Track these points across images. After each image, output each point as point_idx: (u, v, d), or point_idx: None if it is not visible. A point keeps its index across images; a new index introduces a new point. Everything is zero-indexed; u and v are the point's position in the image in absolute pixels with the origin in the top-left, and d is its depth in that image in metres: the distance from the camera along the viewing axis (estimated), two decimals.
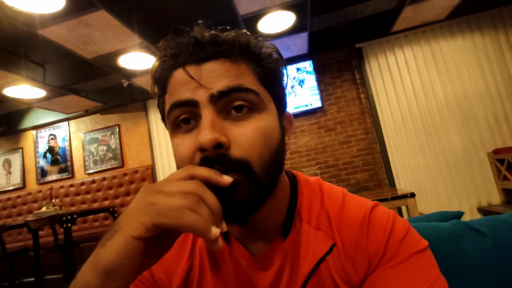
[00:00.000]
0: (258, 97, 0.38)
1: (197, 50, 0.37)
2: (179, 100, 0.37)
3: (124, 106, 3.99)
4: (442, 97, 3.18)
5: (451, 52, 3.21)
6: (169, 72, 0.39)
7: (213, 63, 0.37)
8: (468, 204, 3.05)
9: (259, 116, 0.37)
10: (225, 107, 0.36)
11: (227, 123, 0.36)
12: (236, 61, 0.38)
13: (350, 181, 3.40)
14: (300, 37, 2.97)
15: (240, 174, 0.34)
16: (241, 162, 0.35)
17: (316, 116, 3.53)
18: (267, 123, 0.38)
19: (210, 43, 0.37)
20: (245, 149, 0.35)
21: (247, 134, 0.36)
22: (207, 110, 0.35)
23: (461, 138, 3.11)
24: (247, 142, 0.35)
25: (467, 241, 0.56)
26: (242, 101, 0.36)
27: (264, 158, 0.36)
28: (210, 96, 0.35)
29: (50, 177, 4.19)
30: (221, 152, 0.34)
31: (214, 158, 0.34)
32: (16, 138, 4.41)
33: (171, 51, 0.39)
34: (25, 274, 3.28)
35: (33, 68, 2.72)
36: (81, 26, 2.14)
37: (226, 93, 0.36)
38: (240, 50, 0.39)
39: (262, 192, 0.37)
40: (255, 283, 0.42)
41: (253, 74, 0.39)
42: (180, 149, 0.37)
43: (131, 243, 0.28)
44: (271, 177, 0.38)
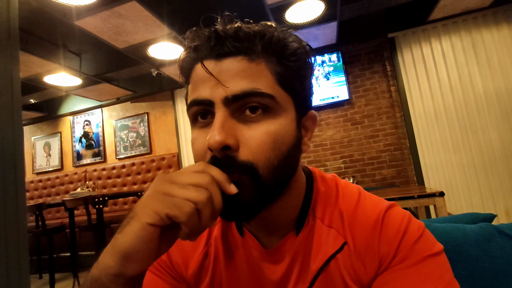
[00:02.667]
0: (274, 101, 0.37)
1: (217, 45, 0.37)
2: (197, 99, 0.38)
3: (153, 95, 4.12)
4: (481, 90, 2.97)
5: (495, 43, 2.96)
6: (191, 65, 0.40)
7: (232, 60, 0.37)
8: (504, 206, 2.85)
9: (273, 119, 0.37)
10: (239, 108, 0.36)
11: (239, 125, 0.36)
12: (255, 60, 0.37)
13: (375, 177, 3.30)
14: (329, 27, 2.88)
15: (245, 176, 0.35)
16: (247, 165, 0.35)
17: (342, 109, 3.44)
18: (279, 127, 0.37)
19: (230, 38, 0.37)
20: (252, 152, 0.35)
21: (257, 137, 0.35)
22: (220, 111, 0.36)
23: (500, 135, 2.89)
24: (255, 146, 0.35)
25: (495, 246, 0.53)
26: (256, 104, 0.36)
27: (271, 163, 0.36)
28: (225, 98, 0.35)
29: (85, 160, 4.47)
30: (228, 154, 0.35)
31: (220, 159, 0.35)
32: (55, 123, 4.72)
33: (193, 43, 0.39)
34: (62, 249, 3.55)
35: (70, 57, 2.88)
36: (114, 17, 2.22)
37: (240, 97, 0.35)
38: (261, 46, 0.38)
39: (266, 195, 0.37)
40: (266, 275, 0.43)
41: (271, 75, 0.38)
42: (195, 144, 0.39)
43: (146, 229, 0.29)
44: (278, 181, 0.38)
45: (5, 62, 0.99)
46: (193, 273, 0.46)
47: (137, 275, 0.31)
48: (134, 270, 0.30)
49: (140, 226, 0.29)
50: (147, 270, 0.45)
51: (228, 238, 0.47)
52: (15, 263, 0.96)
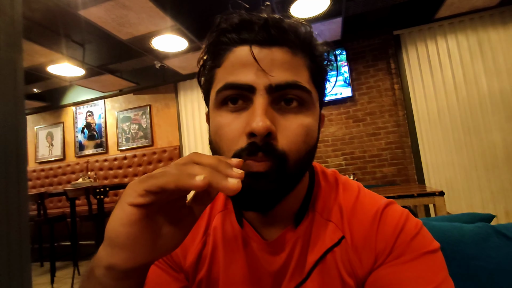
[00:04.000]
0: (310, 96, 0.38)
1: (264, 32, 0.37)
2: (236, 82, 0.37)
3: (156, 87, 4.12)
4: (486, 91, 2.94)
5: (501, 42, 2.93)
6: (229, 47, 0.39)
7: (277, 49, 0.37)
8: (504, 208, 2.85)
9: (306, 113, 0.38)
10: (278, 98, 0.37)
11: (276, 114, 0.37)
12: (296, 53, 0.38)
13: (376, 175, 3.30)
14: (334, 23, 2.85)
15: (276, 166, 0.35)
16: (282, 154, 0.35)
17: (345, 106, 3.43)
18: (311, 121, 0.38)
19: (277, 28, 0.37)
20: (287, 142, 0.36)
21: (293, 128, 0.36)
22: (262, 98, 0.36)
23: (504, 136, 2.87)
24: (291, 136, 0.36)
25: (492, 245, 0.53)
26: (295, 97, 0.37)
27: (301, 155, 0.37)
28: (268, 86, 0.36)
29: (87, 151, 4.49)
30: (268, 141, 0.35)
31: (260, 146, 0.35)
32: (58, 113, 4.74)
33: (236, 26, 0.38)
34: (63, 238, 3.59)
35: (74, 47, 2.88)
36: (118, 8, 2.21)
37: (283, 87, 0.36)
38: (301, 42, 0.38)
39: (287, 185, 0.38)
40: (264, 266, 0.44)
41: (307, 71, 0.39)
42: (226, 129, 0.37)
43: (125, 210, 0.27)
44: (300, 173, 0.40)
45: (9, 51, 0.99)
46: (191, 263, 0.46)
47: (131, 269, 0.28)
48: (123, 261, 0.27)
49: (120, 207, 0.27)
50: None
51: (227, 228, 0.47)
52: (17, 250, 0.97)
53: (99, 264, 0.28)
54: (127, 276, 0.29)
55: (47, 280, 2.86)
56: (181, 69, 3.62)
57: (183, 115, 3.99)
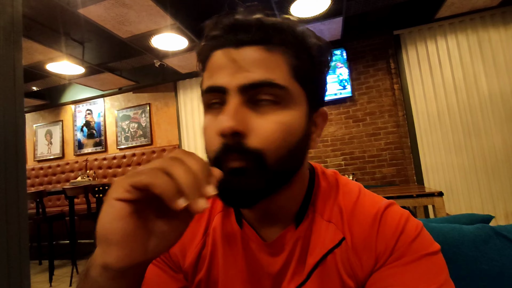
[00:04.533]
0: (287, 93, 0.37)
1: (236, 33, 0.37)
2: (211, 86, 0.38)
3: (155, 86, 4.11)
4: (486, 92, 2.94)
5: (502, 43, 2.93)
6: (209, 53, 0.40)
7: (249, 49, 0.37)
8: (504, 209, 2.85)
9: (284, 110, 0.37)
10: (252, 97, 0.37)
11: (251, 113, 0.36)
12: (272, 50, 0.37)
13: (375, 175, 3.30)
14: (334, 22, 2.85)
15: (252, 163, 0.35)
16: (256, 153, 0.35)
17: (345, 106, 3.43)
18: (291, 119, 0.37)
19: (249, 28, 0.37)
20: (262, 140, 0.36)
21: (267, 126, 0.36)
22: (234, 98, 0.36)
23: (504, 138, 2.87)
24: (266, 134, 0.36)
25: (492, 247, 0.53)
26: (269, 95, 0.37)
27: (281, 153, 0.36)
28: (239, 86, 0.36)
29: (86, 149, 4.48)
30: (238, 140, 0.35)
31: (232, 146, 0.35)
32: (57, 111, 4.72)
33: (213, 31, 0.39)
34: (62, 237, 3.59)
35: (73, 45, 2.87)
36: (118, 6, 2.20)
37: (254, 86, 0.36)
38: (280, 38, 0.38)
39: (270, 184, 0.37)
40: (263, 267, 0.44)
41: (287, 66, 0.38)
42: (207, 130, 0.39)
43: (113, 205, 0.27)
44: (284, 172, 0.39)
45: (8, 48, 0.99)
46: (190, 263, 0.46)
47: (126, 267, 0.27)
48: (117, 259, 0.26)
49: (107, 203, 0.27)
50: None
51: (226, 229, 0.47)
52: (16, 249, 0.97)
53: (95, 263, 0.28)
54: (123, 275, 0.28)
55: (45, 278, 2.85)
56: (181, 68, 3.62)
57: (183, 114, 3.99)
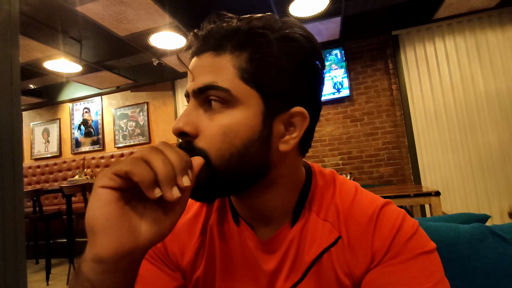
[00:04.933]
0: (230, 95, 0.37)
1: (196, 43, 0.41)
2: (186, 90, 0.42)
3: (154, 85, 4.10)
4: (482, 92, 2.96)
5: (499, 44, 2.95)
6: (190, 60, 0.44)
7: (204, 56, 0.40)
8: (499, 208, 2.88)
9: (229, 112, 0.37)
10: (204, 100, 0.39)
11: (203, 115, 0.39)
12: (221, 55, 0.38)
13: (373, 174, 3.31)
14: (333, 22, 2.86)
15: None
16: (201, 152, 0.37)
17: (343, 105, 3.44)
18: (233, 121, 0.37)
19: (202, 37, 0.40)
20: (206, 142, 0.38)
21: (211, 128, 0.38)
22: (191, 102, 0.40)
23: (499, 137, 2.90)
24: (209, 136, 0.38)
25: (487, 246, 0.53)
26: (215, 97, 0.38)
27: (222, 154, 0.37)
28: (193, 91, 0.39)
29: (83, 148, 4.46)
30: (187, 139, 0.39)
31: (182, 144, 0.39)
32: (54, 110, 4.70)
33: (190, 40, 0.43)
34: (59, 235, 3.58)
35: (71, 43, 2.85)
36: (116, 4, 2.19)
37: (202, 90, 0.38)
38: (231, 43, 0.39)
39: (219, 183, 0.38)
40: (260, 265, 0.44)
41: (234, 69, 0.38)
42: None
43: (98, 192, 0.28)
44: (234, 174, 0.38)
45: (5, 46, 0.98)
46: (188, 262, 0.46)
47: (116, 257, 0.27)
48: (106, 247, 0.27)
49: (93, 192, 0.29)
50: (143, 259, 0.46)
51: (223, 227, 0.47)
52: (12, 247, 0.96)
53: (85, 258, 0.29)
54: (115, 269, 0.28)
55: (42, 277, 2.84)
56: (179, 67, 3.61)
57: (180, 113, 3.97)
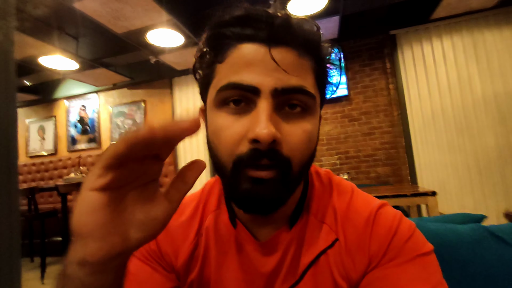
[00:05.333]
0: (314, 101, 0.37)
1: (272, 30, 0.35)
2: (240, 83, 0.35)
3: (151, 82, 4.07)
4: (479, 93, 2.97)
5: (496, 44, 2.96)
6: (233, 42, 0.36)
7: (284, 50, 0.35)
8: (495, 208, 2.90)
9: (309, 118, 0.37)
10: (282, 102, 0.36)
11: (279, 119, 0.35)
12: (303, 55, 0.36)
13: (370, 174, 3.32)
14: (331, 21, 2.85)
15: (279, 171, 0.35)
16: (285, 160, 0.35)
17: (340, 105, 3.44)
18: (313, 127, 0.38)
19: (285, 27, 0.35)
20: (291, 148, 0.35)
21: (297, 134, 0.36)
22: (266, 102, 0.34)
23: (497, 138, 2.91)
24: (295, 142, 0.35)
25: (486, 248, 0.53)
26: (300, 102, 0.36)
27: (304, 160, 0.37)
28: (274, 90, 0.34)
29: (80, 145, 4.42)
30: (273, 147, 0.34)
31: (264, 152, 0.34)
32: (50, 107, 4.65)
33: (237, 19, 0.36)
34: (54, 234, 3.55)
35: (67, 40, 2.82)
36: (113, 1, 2.17)
37: (288, 91, 0.35)
38: (309, 43, 0.37)
39: (291, 191, 0.38)
40: (257, 267, 0.43)
41: (313, 74, 0.38)
42: (227, 132, 0.36)
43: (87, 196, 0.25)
44: (302, 177, 0.39)
45: (0, 42, 0.97)
46: (183, 263, 0.46)
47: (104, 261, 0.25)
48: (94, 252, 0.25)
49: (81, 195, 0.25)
50: (136, 259, 0.45)
51: (220, 228, 0.46)
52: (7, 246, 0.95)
53: (71, 260, 0.26)
54: (102, 270, 0.26)
55: (37, 276, 2.82)
56: (177, 65, 3.59)
57: (178, 111, 3.96)
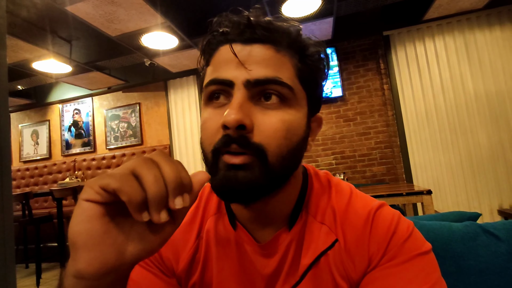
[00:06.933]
0: (292, 93, 0.38)
1: (247, 30, 0.38)
2: (217, 78, 0.38)
3: (146, 85, 4.06)
4: (472, 92, 3.01)
5: (487, 44, 3.01)
6: (215, 46, 0.41)
7: (259, 46, 0.38)
8: (489, 205, 2.93)
9: (288, 110, 0.38)
10: (258, 94, 0.38)
11: (255, 109, 0.37)
12: (280, 51, 0.39)
13: (365, 174, 3.34)
14: (325, 22, 2.87)
15: (254, 158, 0.36)
16: (258, 147, 0.36)
17: (336, 105, 3.46)
18: (293, 118, 0.38)
19: (261, 27, 0.38)
20: (265, 136, 0.36)
21: (271, 123, 0.37)
22: (239, 92, 0.37)
23: (489, 136, 2.95)
24: (269, 130, 0.36)
25: (480, 244, 0.54)
26: (276, 92, 0.37)
27: (281, 150, 0.37)
28: (246, 81, 0.37)
29: (74, 150, 4.39)
30: (242, 133, 0.35)
31: (234, 138, 0.35)
32: (43, 111, 4.61)
33: (223, 27, 0.40)
34: (50, 239, 3.51)
35: (60, 43, 2.80)
36: (106, 4, 2.16)
37: (262, 82, 0.37)
38: (288, 41, 0.39)
39: (271, 181, 0.37)
40: (257, 269, 0.43)
41: (293, 68, 0.39)
42: (208, 123, 0.39)
43: (82, 206, 0.26)
44: (284, 171, 0.39)
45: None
46: (183, 268, 0.46)
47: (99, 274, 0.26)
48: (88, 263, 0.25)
49: (78, 204, 0.26)
50: (136, 265, 0.45)
51: (220, 231, 0.46)
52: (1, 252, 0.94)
53: (67, 273, 0.26)
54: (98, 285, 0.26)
55: (32, 282, 2.78)
56: (171, 67, 3.58)
57: (173, 113, 3.95)
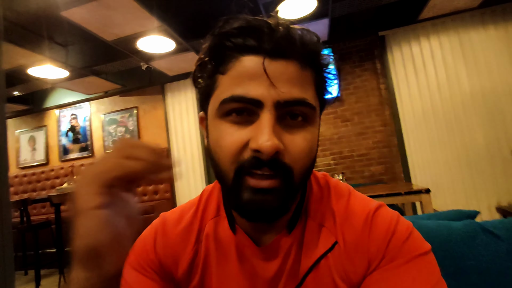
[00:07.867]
0: (314, 112, 0.38)
1: (274, 42, 0.35)
2: (244, 96, 0.35)
3: (143, 89, 4.05)
4: (467, 90, 3.03)
5: (481, 43, 3.03)
6: (235, 54, 0.37)
7: (286, 63, 0.36)
8: (487, 203, 2.94)
9: (309, 128, 0.38)
10: (284, 114, 0.37)
11: (281, 129, 0.36)
12: (305, 68, 0.37)
13: (364, 173, 3.35)
14: (321, 24, 2.88)
15: (281, 180, 0.36)
16: (288, 169, 0.36)
17: (333, 106, 3.47)
18: (313, 136, 0.39)
19: (287, 39, 0.36)
20: (293, 158, 0.36)
21: (298, 144, 0.36)
22: (269, 114, 0.35)
23: (485, 134, 2.97)
24: (296, 151, 0.36)
25: (480, 243, 0.54)
26: (301, 113, 0.37)
27: (305, 169, 0.38)
28: (277, 102, 0.35)
29: (72, 155, 4.37)
30: (275, 157, 0.35)
31: (265, 161, 0.34)
32: (40, 116, 4.59)
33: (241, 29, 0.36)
34: (48, 245, 3.48)
35: (57, 49, 2.80)
36: (102, 8, 2.16)
37: (291, 104, 0.36)
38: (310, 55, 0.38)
39: (293, 199, 0.39)
40: (258, 273, 0.43)
41: (313, 86, 0.39)
42: (228, 139, 0.36)
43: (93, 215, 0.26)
44: (303, 185, 0.41)
45: None
46: (183, 272, 0.45)
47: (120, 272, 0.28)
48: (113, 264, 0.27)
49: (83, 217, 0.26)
50: (134, 270, 0.45)
51: (219, 235, 0.46)
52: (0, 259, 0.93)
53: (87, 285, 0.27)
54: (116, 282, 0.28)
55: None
56: (168, 71, 3.58)
57: (171, 117, 3.94)
